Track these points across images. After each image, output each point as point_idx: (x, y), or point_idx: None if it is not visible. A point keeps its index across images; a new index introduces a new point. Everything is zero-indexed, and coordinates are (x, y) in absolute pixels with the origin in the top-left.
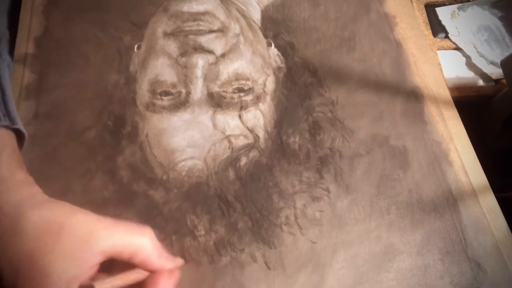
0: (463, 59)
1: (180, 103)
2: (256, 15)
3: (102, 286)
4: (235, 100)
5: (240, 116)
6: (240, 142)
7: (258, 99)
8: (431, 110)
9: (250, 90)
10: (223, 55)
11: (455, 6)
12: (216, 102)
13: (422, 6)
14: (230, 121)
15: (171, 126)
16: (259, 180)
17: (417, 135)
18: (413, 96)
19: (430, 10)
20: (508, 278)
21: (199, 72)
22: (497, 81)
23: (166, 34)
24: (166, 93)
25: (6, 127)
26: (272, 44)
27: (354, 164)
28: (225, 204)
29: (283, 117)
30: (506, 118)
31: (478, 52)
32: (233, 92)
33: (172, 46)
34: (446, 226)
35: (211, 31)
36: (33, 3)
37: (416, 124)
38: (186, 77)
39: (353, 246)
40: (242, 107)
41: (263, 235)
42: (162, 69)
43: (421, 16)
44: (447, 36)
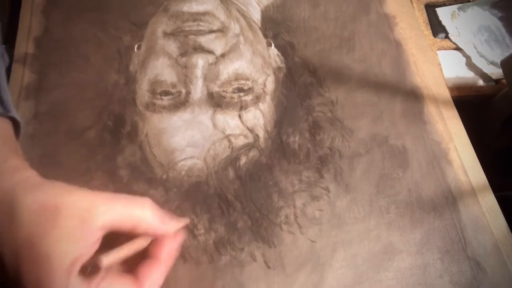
0: (463, 59)
1: (180, 103)
2: (256, 15)
3: (108, 258)
4: (235, 100)
5: (240, 116)
6: (240, 141)
7: (258, 99)
8: (430, 110)
9: (250, 90)
10: (223, 55)
11: (455, 6)
12: (216, 102)
13: (422, 6)
14: (230, 121)
15: (171, 126)
16: (259, 179)
17: (416, 134)
18: (413, 96)
19: (430, 10)
20: (507, 277)
21: (199, 72)
22: (497, 81)
23: (166, 34)
24: (166, 93)
25: (0, 115)
26: (272, 44)
27: (354, 164)
28: (224, 203)
29: (283, 117)
30: (506, 118)
31: (478, 52)
32: (233, 92)
33: (172, 46)
34: (446, 225)
35: (211, 31)
36: (33, 3)
37: (416, 123)
38: (186, 77)
39: (352, 245)
40: (242, 107)
41: (263, 234)
42: (162, 69)
43: (421, 16)
44: (447, 36)
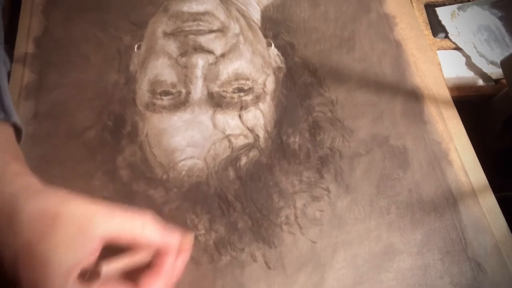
0: (463, 59)
1: (180, 103)
2: (256, 15)
3: (108, 266)
4: (235, 100)
5: (240, 116)
6: (240, 141)
7: (258, 99)
8: (431, 110)
9: (250, 90)
10: (223, 55)
11: (455, 6)
12: (216, 102)
13: (422, 6)
14: (230, 121)
15: (171, 126)
16: (259, 179)
17: (417, 135)
18: (413, 96)
19: (430, 10)
20: (508, 278)
21: (199, 72)
22: (497, 81)
23: (166, 34)
24: (166, 93)
25: (2, 121)
26: (272, 44)
27: (354, 164)
28: (225, 204)
29: (283, 117)
30: (506, 118)
31: (478, 52)
32: (233, 92)
33: (172, 46)
34: (446, 226)
35: (211, 31)
36: (32, 3)
37: (416, 124)
38: (186, 77)
39: (353, 246)
40: (242, 107)
41: (263, 235)
42: (162, 69)
43: (421, 16)
44: (447, 36)
